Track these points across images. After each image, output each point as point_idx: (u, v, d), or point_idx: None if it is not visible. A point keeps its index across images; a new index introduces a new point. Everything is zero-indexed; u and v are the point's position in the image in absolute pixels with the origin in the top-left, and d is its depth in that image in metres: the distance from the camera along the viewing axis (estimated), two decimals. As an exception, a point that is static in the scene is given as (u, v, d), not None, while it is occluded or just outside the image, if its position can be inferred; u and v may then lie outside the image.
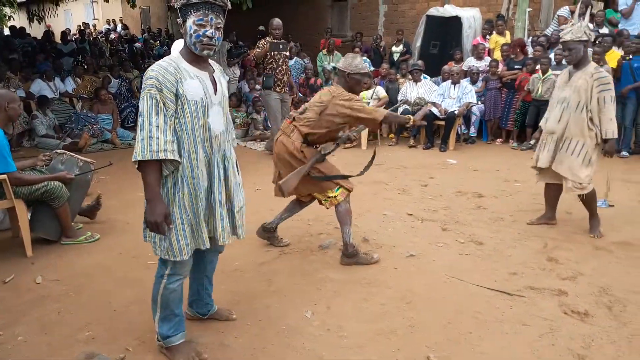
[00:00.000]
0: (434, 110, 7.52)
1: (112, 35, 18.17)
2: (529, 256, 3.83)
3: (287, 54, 6.70)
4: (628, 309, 3.07)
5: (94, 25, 21.77)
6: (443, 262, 3.73)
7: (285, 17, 13.74)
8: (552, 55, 7.52)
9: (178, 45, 4.50)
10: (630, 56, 6.74)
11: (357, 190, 4.23)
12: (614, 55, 6.91)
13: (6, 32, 15.17)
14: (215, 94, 2.39)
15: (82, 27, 18.81)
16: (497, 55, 8.35)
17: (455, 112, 7.40)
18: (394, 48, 10.15)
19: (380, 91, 8.03)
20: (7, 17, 22.35)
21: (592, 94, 3.90)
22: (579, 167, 3.98)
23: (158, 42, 16.81)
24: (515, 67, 7.82)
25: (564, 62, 7.36)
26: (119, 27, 20.15)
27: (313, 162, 3.35)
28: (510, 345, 2.73)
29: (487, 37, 8.76)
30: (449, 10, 9.51)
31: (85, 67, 10.43)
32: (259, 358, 2.61)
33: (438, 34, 9.53)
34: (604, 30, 8.06)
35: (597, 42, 7.17)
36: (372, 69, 9.15)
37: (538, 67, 7.37)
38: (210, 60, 2.44)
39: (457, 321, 2.95)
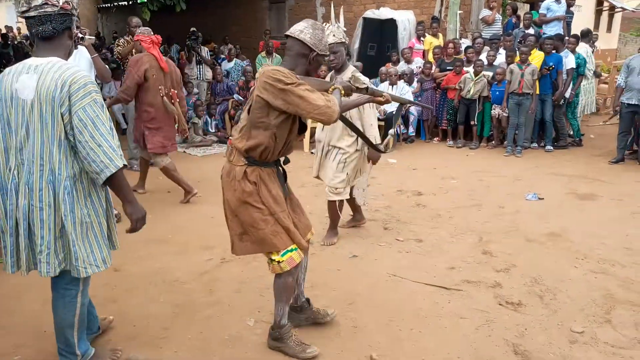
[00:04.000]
0: (373, 111, 7.64)
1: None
2: (466, 250, 3.96)
3: None
4: (558, 297, 3.24)
5: (19, 29, 20.48)
6: (385, 261, 3.79)
7: (223, 19, 13.66)
8: (483, 56, 7.81)
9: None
10: (552, 65, 7.09)
11: (298, 192, 4.23)
12: (537, 55, 7.26)
13: None
14: None
15: (4, 31, 17.66)
16: (431, 56, 8.59)
17: (394, 113, 7.54)
18: (333, 50, 10.22)
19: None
20: None
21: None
22: (333, 173, 3.95)
23: None
24: (448, 68, 8.07)
25: (494, 63, 7.70)
26: None
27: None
28: (449, 338, 2.81)
29: (422, 38, 8.99)
30: (385, 13, 9.70)
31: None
32: (201, 371, 2.55)
33: (375, 36, 9.69)
34: (530, 30, 8.47)
35: (522, 41, 7.53)
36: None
37: (470, 67, 7.62)
38: None
39: (399, 319, 3.00)
